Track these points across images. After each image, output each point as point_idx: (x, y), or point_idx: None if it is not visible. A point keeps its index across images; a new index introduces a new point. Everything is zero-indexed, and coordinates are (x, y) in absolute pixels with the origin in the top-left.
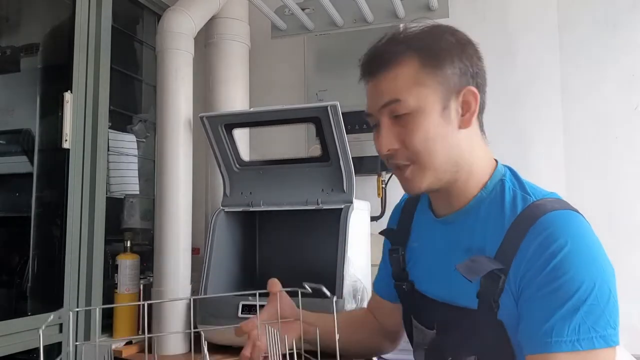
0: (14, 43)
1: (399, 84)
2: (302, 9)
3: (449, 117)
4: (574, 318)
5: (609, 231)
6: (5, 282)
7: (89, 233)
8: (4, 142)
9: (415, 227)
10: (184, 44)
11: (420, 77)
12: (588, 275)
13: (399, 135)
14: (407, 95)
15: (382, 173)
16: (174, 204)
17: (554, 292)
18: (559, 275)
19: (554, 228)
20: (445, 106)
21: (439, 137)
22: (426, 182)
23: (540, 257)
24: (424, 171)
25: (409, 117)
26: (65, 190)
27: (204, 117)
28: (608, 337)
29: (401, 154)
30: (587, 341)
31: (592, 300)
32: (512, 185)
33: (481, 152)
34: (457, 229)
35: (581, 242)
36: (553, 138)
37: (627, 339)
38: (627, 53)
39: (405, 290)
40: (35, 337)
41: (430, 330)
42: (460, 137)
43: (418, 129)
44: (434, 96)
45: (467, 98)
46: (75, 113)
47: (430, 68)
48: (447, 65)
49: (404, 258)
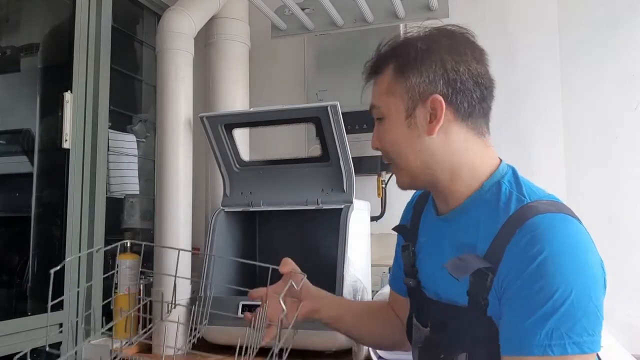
0: (14, 43)
1: (377, 91)
2: (302, 9)
3: (414, 124)
4: (547, 323)
5: (609, 231)
6: (5, 282)
7: (89, 233)
8: (4, 142)
9: (422, 224)
10: (184, 44)
11: (391, 86)
12: (565, 281)
13: (378, 136)
14: (380, 102)
15: (382, 173)
16: (174, 204)
17: (531, 296)
18: (536, 279)
19: (538, 232)
20: (410, 114)
21: (404, 142)
22: (406, 180)
23: (521, 260)
24: (400, 170)
25: (382, 122)
26: (65, 190)
27: (204, 117)
28: (583, 344)
29: (383, 153)
30: (560, 347)
31: (567, 307)
32: (509, 186)
33: (472, 154)
34: (453, 227)
35: (562, 247)
36: (553, 138)
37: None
38: (627, 53)
39: (411, 286)
40: (36, 337)
41: (425, 328)
42: (430, 142)
43: (386, 133)
44: (399, 105)
45: (434, 105)
46: (75, 113)
47: (399, 77)
48: (413, 74)
49: (414, 254)
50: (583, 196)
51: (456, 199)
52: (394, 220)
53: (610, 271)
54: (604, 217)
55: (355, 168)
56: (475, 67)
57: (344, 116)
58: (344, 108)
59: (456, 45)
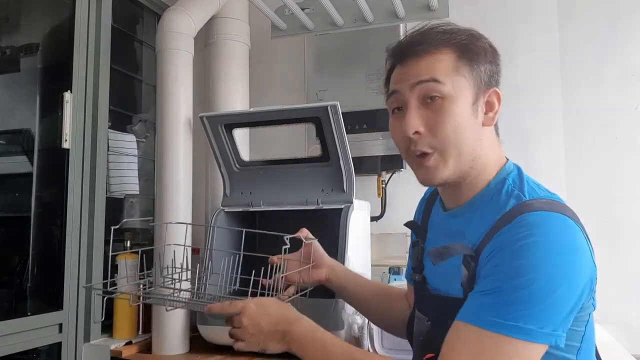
0: (14, 43)
1: (439, 67)
2: (302, 9)
3: (477, 112)
4: (501, 301)
5: (609, 231)
6: (5, 282)
7: (89, 233)
8: (4, 142)
9: (431, 221)
10: (184, 44)
11: (459, 67)
12: (536, 269)
13: (427, 119)
14: (446, 78)
15: (382, 173)
16: (174, 204)
17: (498, 273)
18: (510, 260)
19: (527, 225)
20: (475, 100)
21: (467, 127)
22: (447, 172)
23: (503, 245)
24: (447, 160)
25: (442, 103)
26: (65, 190)
27: (204, 117)
28: (528, 331)
29: (425, 139)
30: (501, 326)
31: (527, 293)
32: (511, 184)
33: (493, 150)
34: (458, 222)
35: (545, 239)
36: (553, 138)
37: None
38: (627, 53)
39: (417, 280)
40: (35, 338)
41: (427, 323)
42: (482, 133)
43: (450, 115)
44: (468, 88)
45: (492, 98)
46: (75, 113)
47: (467, 61)
48: (482, 63)
49: (422, 250)
50: (583, 196)
51: (467, 194)
52: (394, 220)
53: (611, 271)
54: (604, 216)
55: (355, 168)
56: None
57: (344, 116)
58: (344, 108)
59: (497, 52)
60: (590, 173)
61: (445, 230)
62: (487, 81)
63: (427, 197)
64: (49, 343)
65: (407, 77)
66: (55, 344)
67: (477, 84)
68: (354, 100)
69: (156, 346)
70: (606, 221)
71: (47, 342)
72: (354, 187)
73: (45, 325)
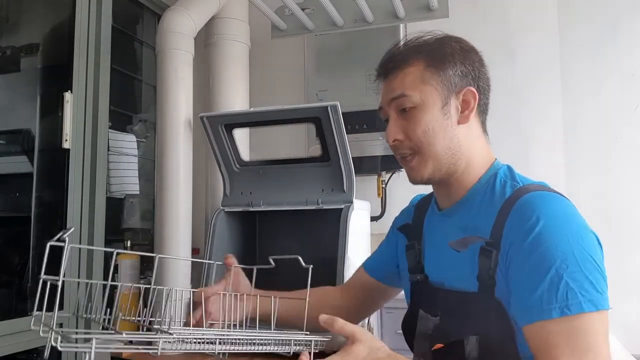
0: (14, 43)
1: (407, 81)
2: (302, 9)
3: (448, 113)
4: (559, 285)
5: (609, 231)
6: (5, 282)
7: (89, 233)
8: (4, 142)
9: (426, 223)
10: (184, 44)
11: (425, 77)
12: (565, 245)
13: (403, 127)
14: (413, 91)
15: (382, 173)
16: (174, 204)
17: (536, 264)
18: (536, 247)
19: (530, 206)
20: (445, 103)
21: (438, 129)
22: (428, 170)
23: (519, 233)
24: (426, 160)
25: (413, 111)
26: (65, 190)
27: (204, 117)
28: (596, 300)
29: (405, 144)
30: (576, 305)
31: (573, 267)
32: (503, 176)
33: (480, 148)
34: (455, 219)
35: (554, 216)
36: (553, 138)
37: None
38: (627, 53)
39: (419, 280)
40: (35, 338)
41: (434, 317)
42: (458, 131)
43: (420, 121)
44: (435, 93)
45: (467, 97)
46: (75, 113)
47: (434, 69)
48: (449, 67)
49: (420, 252)
50: (583, 196)
51: (460, 191)
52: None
53: (610, 271)
54: (604, 217)
55: (355, 168)
56: (486, 71)
57: (344, 116)
58: (344, 108)
59: (474, 49)
60: (590, 173)
61: (444, 229)
62: (458, 82)
63: (415, 203)
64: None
65: (385, 93)
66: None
67: (447, 87)
68: (354, 100)
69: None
70: (606, 221)
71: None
72: (354, 187)
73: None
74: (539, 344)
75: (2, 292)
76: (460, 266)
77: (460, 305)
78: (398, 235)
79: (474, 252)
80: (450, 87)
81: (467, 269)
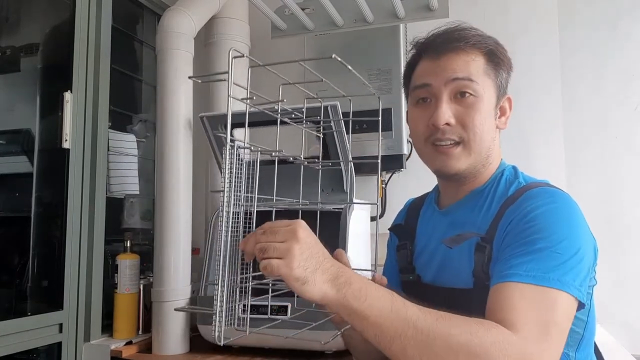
0: (14, 43)
1: (472, 67)
2: (302, 9)
3: (496, 114)
4: (536, 257)
5: (609, 231)
6: (5, 282)
7: (89, 233)
8: (4, 142)
9: (421, 222)
10: (184, 44)
11: (488, 70)
12: (559, 230)
13: (457, 113)
14: (479, 79)
15: (382, 173)
16: (174, 204)
17: (524, 238)
18: (531, 226)
19: (534, 197)
20: (497, 104)
21: (488, 126)
22: (467, 163)
23: (518, 218)
24: (470, 153)
25: (473, 100)
26: (65, 190)
27: (204, 117)
28: (566, 282)
29: (455, 131)
30: (543, 279)
31: (558, 249)
32: (509, 175)
33: (499, 152)
34: (455, 216)
35: (558, 205)
36: (553, 138)
37: (627, 339)
38: (627, 53)
39: (411, 280)
40: (36, 338)
41: None
42: (496, 135)
43: (479, 112)
44: (492, 91)
45: (505, 104)
46: (75, 113)
47: (493, 66)
48: (503, 70)
49: (411, 252)
50: (583, 196)
51: (468, 190)
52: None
53: (611, 271)
54: (604, 216)
55: (355, 168)
56: None
57: (344, 116)
58: (344, 108)
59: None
60: (590, 173)
61: (441, 228)
62: (504, 88)
63: (408, 205)
64: (49, 343)
65: (442, 71)
66: (55, 344)
67: (499, 89)
68: (355, 100)
69: (156, 346)
70: (606, 221)
71: (47, 342)
72: (354, 187)
73: (45, 325)
74: (502, 303)
75: (2, 292)
76: (457, 264)
77: (456, 302)
78: (392, 236)
79: (470, 248)
80: (500, 89)
81: (462, 265)
